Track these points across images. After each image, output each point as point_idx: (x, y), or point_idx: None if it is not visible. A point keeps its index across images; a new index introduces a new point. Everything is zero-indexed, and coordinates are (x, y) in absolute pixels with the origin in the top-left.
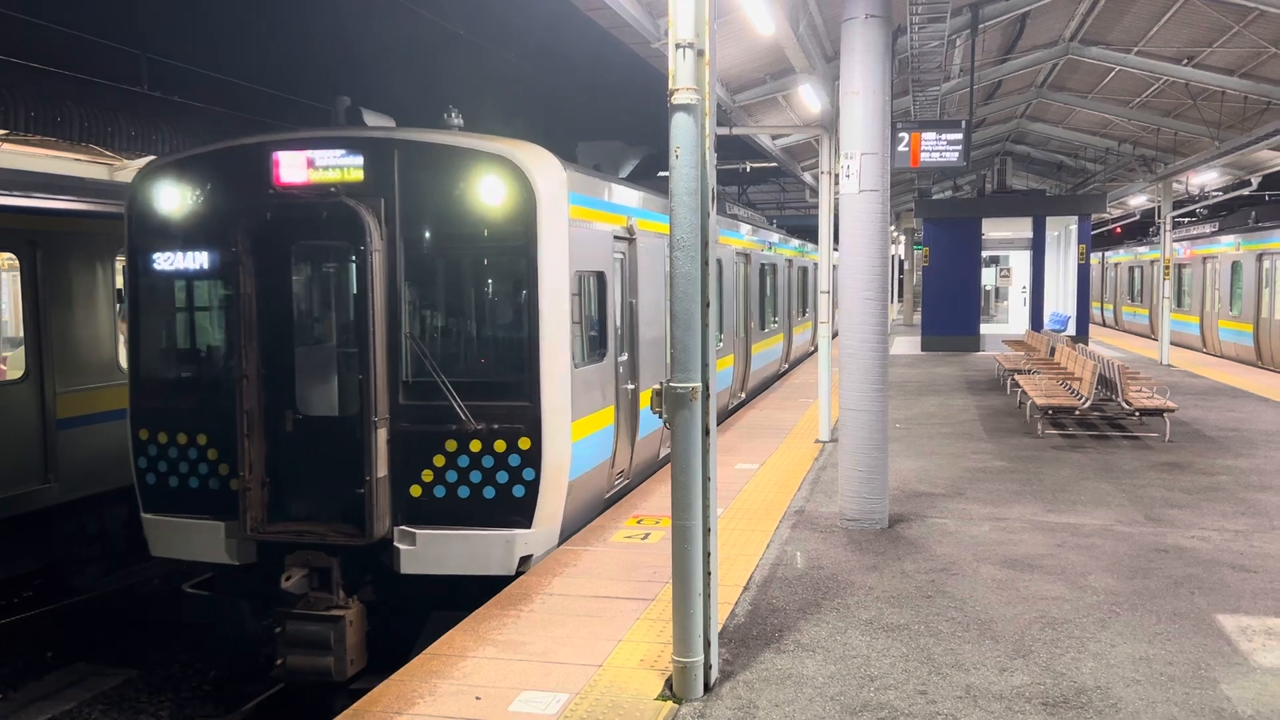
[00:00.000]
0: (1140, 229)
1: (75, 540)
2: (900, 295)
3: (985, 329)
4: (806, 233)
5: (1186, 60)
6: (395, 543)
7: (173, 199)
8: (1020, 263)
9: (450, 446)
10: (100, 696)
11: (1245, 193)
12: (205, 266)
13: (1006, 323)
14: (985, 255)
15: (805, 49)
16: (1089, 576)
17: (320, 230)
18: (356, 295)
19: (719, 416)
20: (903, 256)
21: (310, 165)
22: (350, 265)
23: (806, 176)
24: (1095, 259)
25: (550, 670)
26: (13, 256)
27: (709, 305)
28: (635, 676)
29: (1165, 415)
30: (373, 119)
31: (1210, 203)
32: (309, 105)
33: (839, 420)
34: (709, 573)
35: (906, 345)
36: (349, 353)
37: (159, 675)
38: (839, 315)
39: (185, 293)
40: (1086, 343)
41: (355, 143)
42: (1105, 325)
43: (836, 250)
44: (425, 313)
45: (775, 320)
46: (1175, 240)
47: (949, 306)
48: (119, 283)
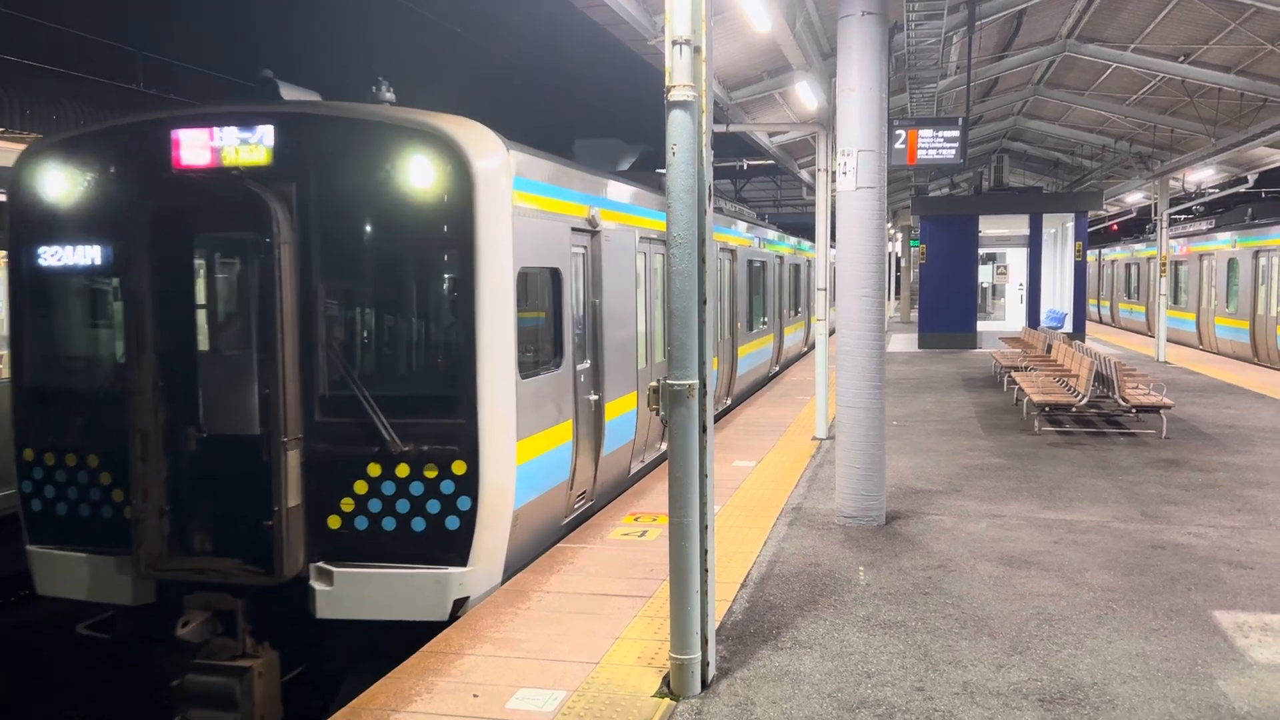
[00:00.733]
0: (1137, 226)
1: None
2: (897, 293)
3: (982, 326)
4: (802, 230)
5: (1183, 57)
6: (310, 582)
7: (60, 184)
8: (1017, 260)
9: (373, 471)
10: None
11: (1241, 190)
12: (97, 262)
13: (1003, 320)
14: (982, 252)
15: (802, 46)
16: (1086, 573)
17: (224, 220)
18: (261, 295)
19: None
20: (899, 254)
21: (213, 145)
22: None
23: (803, 174)
24: (1092, 256)
25: (547, 668)
26: None
27: (706, 303)
28: (633, 674)
29: (1162, 412)
30: (295, 94)
31: (1207, 200)
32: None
33: (836, 417)
34: (706, 570)
35: (903, 343)
36: (262, 362)
37: None
38: (836, 313)
39: (75, 292)
40: (1083, 340)
41: (262, 118)
42: (1102, 322)
43: (833, 247)
44: (345, 315)
45: (765, 320)
46: (1172, 237)
47: (946, 304)
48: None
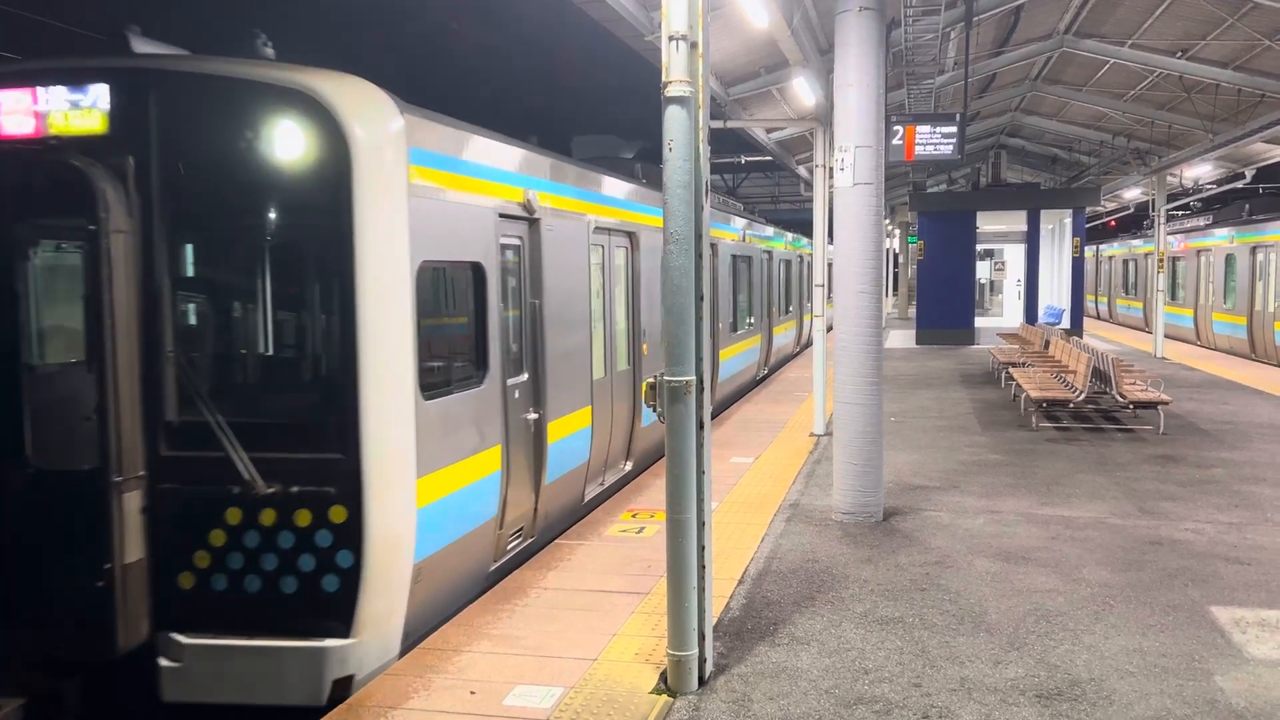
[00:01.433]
0: (1134, 222)
1: None
2: (895, 289)
3: (980, 322)
4: (798, 225)
5: (1181, 53)
6: (157, 657)
7: None
8: (1015, 256)
9: (233, 518)
10: None
11: (1239, 185)
12: None
13: (1001, 316)
14: (980, 248)
15: (799, 42)
16: (1083, 569)
17: (46, 204)
18: (88, 297)
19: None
20: (897, 250)
21: (37, 110)
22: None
23: (801, 170)
24: (1089, 252)
25: (545, 664)
26: None
27: (703, 299)
28: (630, 670)
29: (1159, 408)
30: (153, 49)
31: (1204, 196)
32: None
33: (833, 414)
34: (704, 566)
35: (901, 339)
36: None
37: None
38: (834, 309)
39: None
40: (1081, 336)
41: (94, 75)
42: (1100, 318)
43: (831, 244)
44: (198, 322)
45: (751, 320)
46: (1169, 233)
47: (944, 300)
48: None
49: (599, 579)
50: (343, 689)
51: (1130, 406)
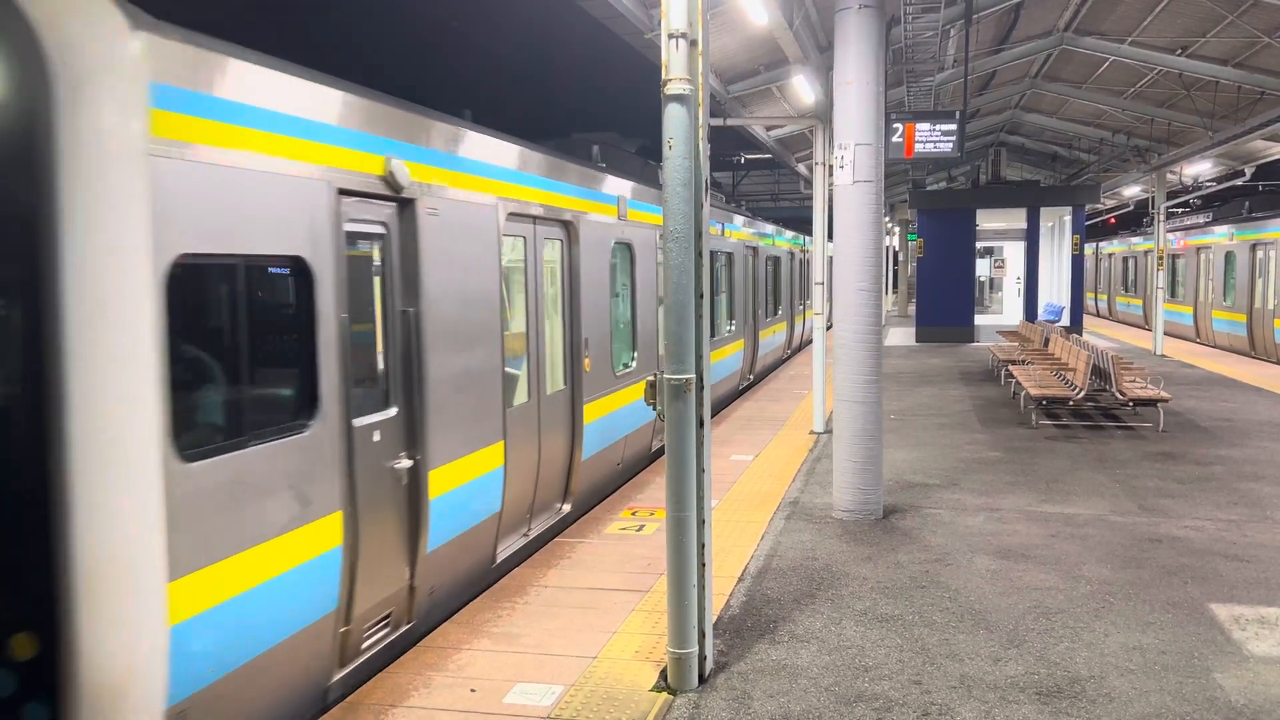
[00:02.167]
0: (1134, 219)
1: None
2: (895, 286)
3: (979, 320)
4: (793, 223)
5: (1180, 50)
6: None
7: None
8: (1014, 253)
9: None
10: None
11: (1239, 183)
12: None
13: (1001, 314)
14: (979, 246)
15: (799, 39)
16: (1083, 566)
17: None
18: None
19: (632, 469)
20: (897, 248)
21: None
22: None
23: (801, 168)
24: (1089, 250)
25: (545, 662)
26: None
27: (703, 297)
28: (630, 668)
29: (1159, 405)
30: None
31: (1204, 193)
32: None
33: (833, 412)
34: (704, 564)
35: (901, 336)
36: None
37: None
38: (833, 307)
39: None
40: (1080, 333)
41: None
42: (1099, 316)
43: (831, 241)
44: None
45: (730, 326)
46: (1169, 231)
47: (943, 298)
48: None
49: (599, 577)
50: None
51: (1130, 404)
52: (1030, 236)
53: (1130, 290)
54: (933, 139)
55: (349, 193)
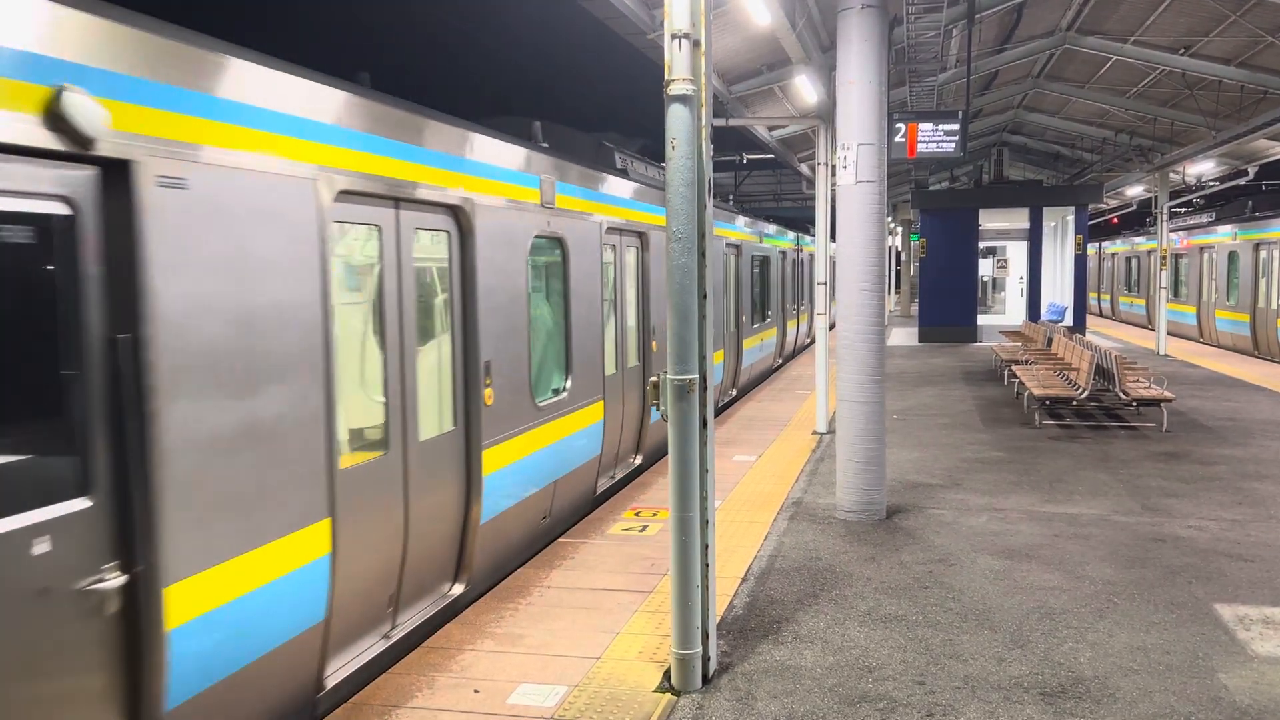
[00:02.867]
0: (1137, 219)
1: None
2: (897, 286)
3: (982, 320)
4: (800, 224)
5: (1183, 50)
6: None
7: None
8: (1017, 253)
9: None
10: None
11: (1242, 182)
12: None
13: (1004, 314)
14: (982, 246)
15: (801, 39)
16: (1086, 566)
17: None
18: None
19: (582, 510)
20: (900, 248)
21: None
22: None
23: (803, 168)
24: (1092, 249)
25: (548, 663)
26: None
27: (706, 297)
28: (634, 669)
29: (1162, 405)
30: None
31: (1207, 192)
32: None
33: (836, 412)
34: (707, 565)
35: (903, 336)
36: None
37: None
38: (836, 307)
39: None
40: (1084, 333)
41: None
42: (1102, 316)
43: (833, 241)
44: None
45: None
46: (1172, 230)
47: (946, 298)
48: None
49: (602, 577)
50: None
51: (1133, 404)
52: (1033, 236)
53: (1133, 290)
54: (935, 139)
55: None
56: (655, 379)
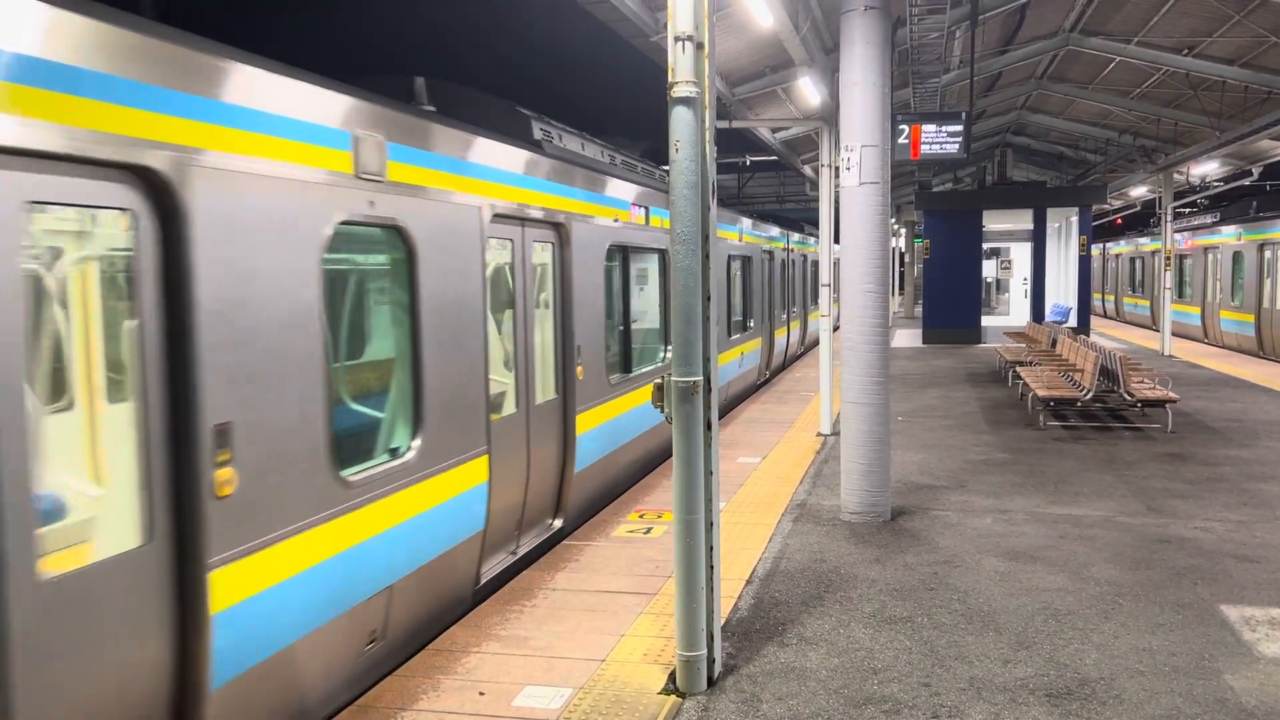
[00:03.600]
0: (1141, 220)
1: None
2: (901, 288)
3: (986, 321)
4: (801, 226)
5: (1187, 50)
6: None
7: None
8: (1021, 254)
9: None
10: None
11: (1246, 183)
12: None
13: (1008, 315)
14: (986, 247)
15: (805, 41)
16: (1091, 568)
17: None
18: None
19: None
20: (903, 249)
21: None
22: None
23: (807, 170)
24: (1096, 250)
25: (554, 665)
26: None
27: (710, 299)
28: (639, 671)
29: (1167, 406)
30: None
31: (1211, 193)
32: None
33: (840, 413)
34: (712, 566)
35: (907, 338)
36: None
37: None
38: (840, 309)
39: None
40: (1088, 334)
41: None
42: (1106, 316)
43: (837, 243)
44: None
45: (661, 354)
46: (1176, 231)
47: (950, 299)
48: None
49: (607, 580)
50: None
51: (1138, 405)
52: (1037, 237)
53: (1137, 291)
54: (939, 140)
55: None
56: (659, 381)
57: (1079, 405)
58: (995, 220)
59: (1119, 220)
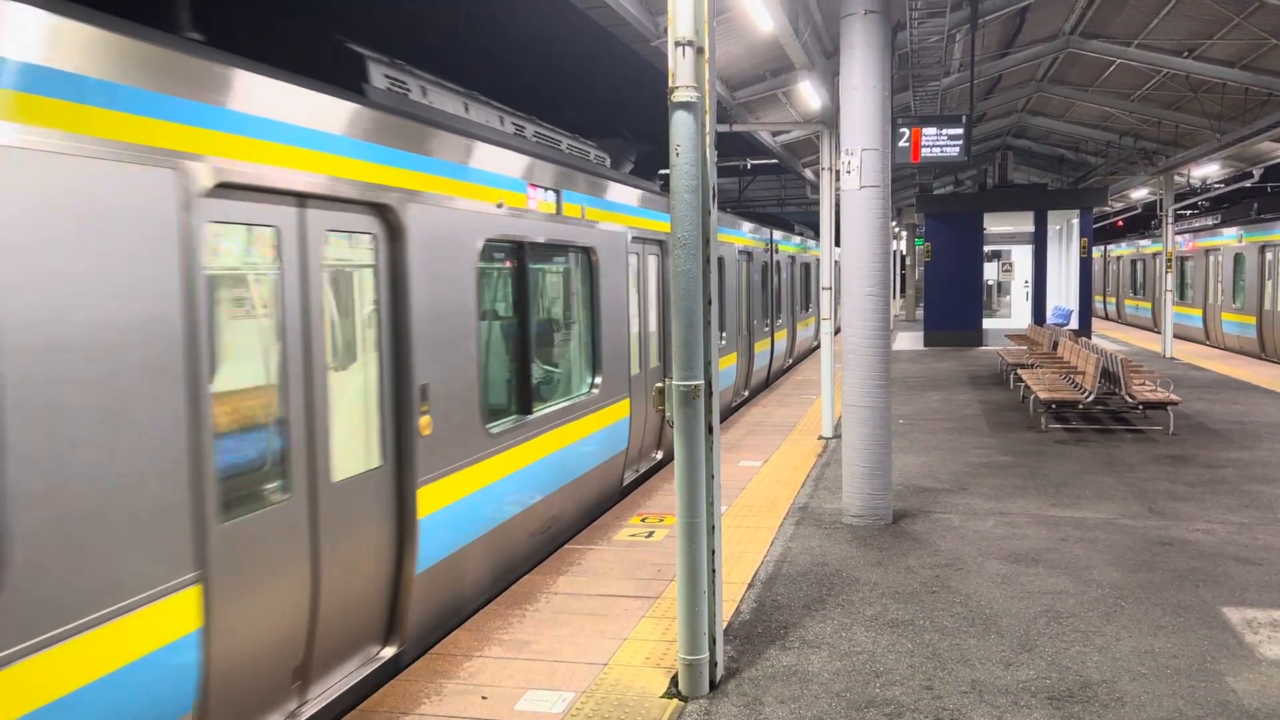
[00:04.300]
0: (1142, 222)
1: None
2: (902, 291)
3: (987, 324)
4: (804, 229)
5: (1187, 52)
6: None
7: None
8: (1022, 257)
9: None
10: None
11: (1247, 185)
12: None
13: (1009, 317)
14: (987, 250)
15: (805, 45)
16: (1093, 570)
17: None
18: None
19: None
20: (904, 252)
21: None
22: None
23: (808, 173)
24: (1097, 252)
25: (556, 669)
26: None
27: (711, 303)
28: (641, 674)
29: (1168, 408)
30: None
31: (1212, 195)
32: None
33: (842, 417)
34: (714, 570)
35: (909, 341)
36: None
37: None
38: (842, 312)
39: None
40: (1089, 336)
41: None
42: (1108, 319)
43: (838, 246)
44: None
45: (591, 383)
46: (1177, 233)
47: (951, 301)
48: None
49: (609, 583)
50: None
51: (1139, 407)
52: (1038, 240)
53: (1139, 293)
54: (939, 143)
55: None
56: (661, 385)
57: (1080, 407)
58: (996, 223)
59: (1120, 222)
